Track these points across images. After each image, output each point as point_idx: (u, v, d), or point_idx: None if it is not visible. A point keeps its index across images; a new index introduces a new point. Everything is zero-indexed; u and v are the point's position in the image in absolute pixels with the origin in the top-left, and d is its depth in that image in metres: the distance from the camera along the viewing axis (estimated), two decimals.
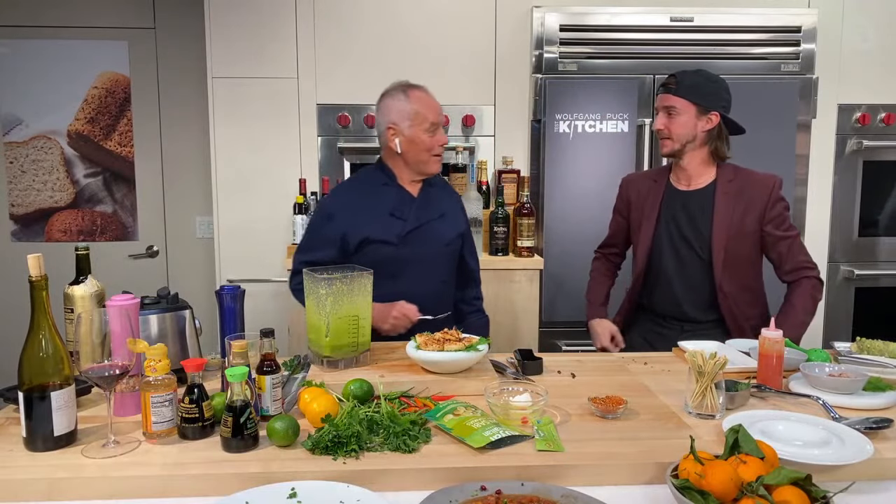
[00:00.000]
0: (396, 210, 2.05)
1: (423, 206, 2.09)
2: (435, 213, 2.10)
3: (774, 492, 0.97)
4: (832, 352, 1.82)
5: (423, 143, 2.03)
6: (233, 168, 3.12)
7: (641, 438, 1.29)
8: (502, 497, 1.08)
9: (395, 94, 2.04)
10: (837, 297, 3.28)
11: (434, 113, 2.03)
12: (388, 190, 2.08)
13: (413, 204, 2.08)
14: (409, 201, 2.08)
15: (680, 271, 2.11)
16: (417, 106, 2.01)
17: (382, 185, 2.09)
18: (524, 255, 2.96)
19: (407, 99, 2.02)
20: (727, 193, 2.05)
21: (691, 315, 2.11)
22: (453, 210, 2.18)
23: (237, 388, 1.26)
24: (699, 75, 2.04)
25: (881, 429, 1.31)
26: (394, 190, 2.08)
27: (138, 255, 3.67)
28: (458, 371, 1.61)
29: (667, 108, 2.04)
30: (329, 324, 1.65)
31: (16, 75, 3.51)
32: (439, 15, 3.11)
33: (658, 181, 2.17)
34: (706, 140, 2.06)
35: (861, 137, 3.19)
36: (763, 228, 2.04)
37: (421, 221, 2.06)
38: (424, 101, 2.02)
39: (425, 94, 2.05)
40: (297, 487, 1.11)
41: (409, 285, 2.01)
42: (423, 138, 2.03)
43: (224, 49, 3.05)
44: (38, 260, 1.26)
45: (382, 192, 2.07)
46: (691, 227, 2.08)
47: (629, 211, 2.23)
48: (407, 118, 2.01)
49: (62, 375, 1.27)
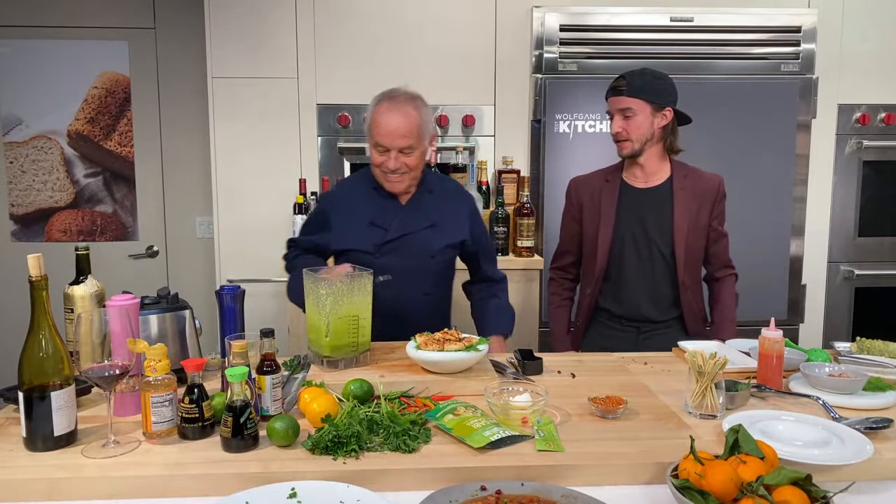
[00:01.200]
0: (378, 218, 1.99)
1: (409, 215, 2.01)
2: (424, 222, 2.02)
3: (774, 492, 0.97)
4: (832, 352, 1.82)
5: (372, 158, 1.99)
6: (233, 168, 3.11)
7: (641, 438, 1.29)
8: (502, 497, 1.08)
9: (373, 100, 1.99)
10: (837, 297, 3.28)
11: (382, 134, 1.91)
12: (375, 196, 2.02)
13: (398, 213, 2.01)
14: (394, 210, 2.01)
15: (642, 270, 2.11)
16: (372, 122, 1.94)
17: (372, 188, 2.04)
18: (524, 255, 2.96)
19: (372, 110, 1.96)
20: (683, 189, 2.10)
21: (650, 315, 2.12)
22: (452, 218, 2.07)
23: (237, 388, 1.26)
24: (647, 74, 2.06)
25: (881, 429, 1.31)
26: (381, 196, 2.02)
27: (138, 255, 3.67)
28: (458, 371, 1.61)
29: (622, 110, 2.04)
30: (329, 324, 1.65)
31: (16, 75, 3.51)
32: (439, 15, 3.11)
33: (611, 180, 2.15)
34: (662, 136, 2.09)
35: (861, 137, 3.19)
36: (710, 224, 2.12)
37: (404, 231, 1.99)
38: (379, 119, 1.92)
39: (386, 112, 1.91)
40: (297, 487, 1.11)
41: (387, 297, 1.90)
42: (373, 153, 1.97)
43: (224, 49, 3.05)
44: (38, 260, 1.26)
45: (369, 198, 2.02)
46: (653, 224, 2.09)
47: (581, 214, 2.18)
48: (367, 127, 1.99)
49: (62, 375, 1.27)
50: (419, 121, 1.93)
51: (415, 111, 1.93)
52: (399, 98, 1.94)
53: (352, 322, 1.68)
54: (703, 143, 2.94)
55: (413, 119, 1.92)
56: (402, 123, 1.90)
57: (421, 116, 1.94)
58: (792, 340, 1.93)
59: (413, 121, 1.92)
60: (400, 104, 1.92)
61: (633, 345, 2.11)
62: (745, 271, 2.99)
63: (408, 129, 1.90)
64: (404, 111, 1.91)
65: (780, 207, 2.99)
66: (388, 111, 1.91)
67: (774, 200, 2.98)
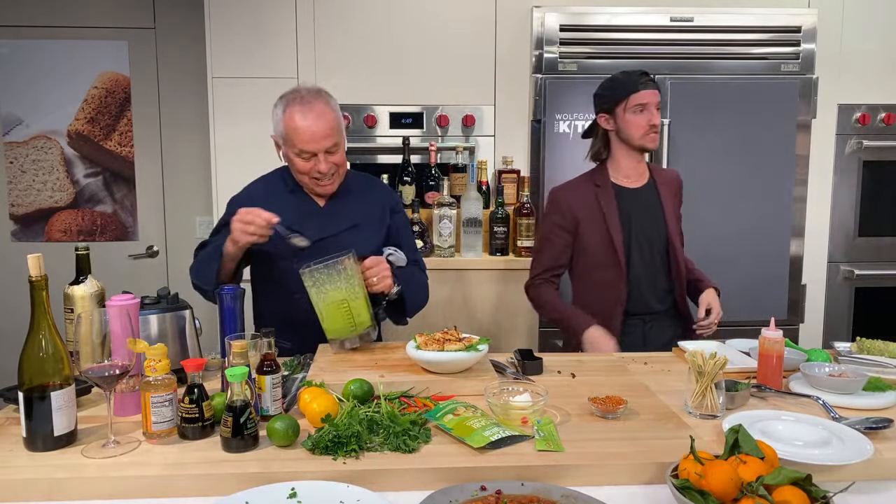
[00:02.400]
0: (294, 223, 1.81)
1: (329, 218, 1.93)
2: (344, 224, 1.93)
3: (774, 492, 0.97)
4: (832, 352, 1.82)
5: (294, 167, 1.88)
6: (233, 168, 3.11)
7: (641, 438, 1.29)
8: (502, 497, 1.08)
9: (277, 105, 1.86)
10: (837, 296, 3.28)
11: (305, 140, 1.80)
12: (291, 198, 1.93)
13: (315, 216, 1.92)
14: (313, 213, 1.93)
15: (645, 267, 2.15)
16: (287, 129, 1.82)
17: (288, 192, 1.94)
18: (524, 255, 2.96)
19: (282, 116, 1.83)
20: (664, 184, 2.20)
21: (655, 307, 2.17)
22: (373, 218, 1.99)
23: (237, 388, 1.26)
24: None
25: (881, 429, 1.31)
26: (297, 199, 1.93)
27: (138, 255, 3.67)
28: (458, 371, 1.61)
29: (656, 103, 2.10)
30: (322, 311, 1.71)
31: (16, 75, 3.51)
32: (439, 15, 3.11)
33: (601, 185, 2.15)
34: None
35: (861, 137, 3.19)
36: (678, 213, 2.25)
37: (325, 235, 1.88)
38: (297, 125, 1.80)
39: (303, 116, 1.79)
40: (297, 487, 1.11)
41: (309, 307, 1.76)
42: (296, 162, 1.85)
43: (224, 49, 3.05)
44: (38, 260, 1.26)
45: (285, 201, 1.91)
46: (649, 222, 2.15)
47: (577, 224, 2.15)
48: (280, 135, 1.86)
49: (62, 375, 1.27)
50: (335, 115, 1.85)
51: (327, 107, 1.84)
52: (307, 97, 1.82)
53: (341, 306, 1.71)
54: (703, 142, 2.94)
55: (330, 116, 1.83)
56: (322, 124, 1.80)
57: (335, 110, 1.86)
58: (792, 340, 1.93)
59: (330, 117, 1.83)
60: (312, 104, 1.81)
61: (642, 337, 2.15)
62: (745, 271, 3.00)
63: (329, 128, 1.81)
64: (318, 110, 1.81)
65: (780, 207, 2.99)
66: (304, 115, 1.79)
67: (774, 200, 2.98)
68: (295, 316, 1.86)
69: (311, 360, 1.75)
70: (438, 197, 2.92)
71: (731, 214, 2.97)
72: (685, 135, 2.94)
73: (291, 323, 1.85)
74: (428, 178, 3.08)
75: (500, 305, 2.89)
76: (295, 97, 1.83)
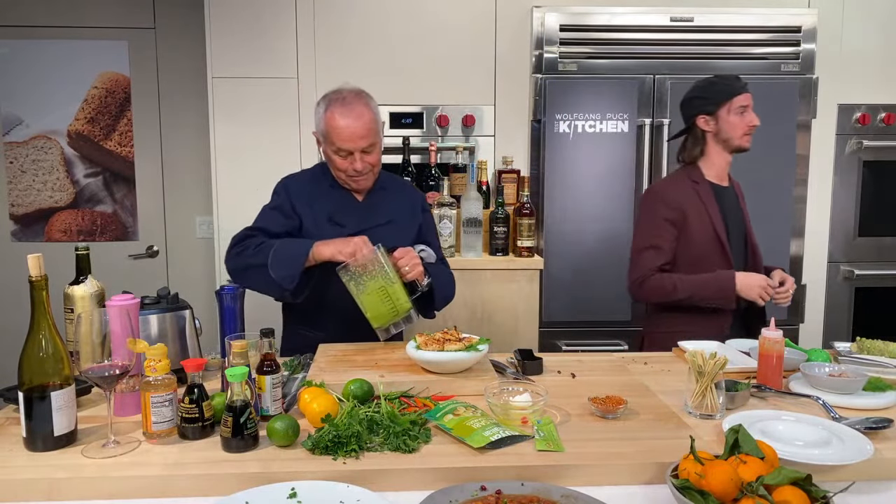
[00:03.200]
0: (336, 215, 1.98)
1: (366, 213, 2.01)
2: (381, 219, 2.02)
3: (774, 492, 0.97)
4: (832, 352, 1.83)
5: (333, 164, 1.96)
6: (233, 168, 3.11)
7: (641, 438, 1.29)
8: (502, 497, 1.08)
9: (320, 104, 1.94)
10: (837, 297, 3.28)
11: (344, 139, 1.88)
12: (332, 193, 2.02)
13: (356, 210, 2.01)
14: (352, 207, 2.01)
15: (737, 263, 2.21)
16: (329, 128, 1.90)
17: (329, 186, 2.02)
18: (524, 255, 2.96)
19: (324, 115, 1.91)
20: (738, 186, 2.35)
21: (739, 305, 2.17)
22: (405, 218, 2.08)
23: (237, 388, 1.26)
24: None
25: (881, 429, 1.31)
26: (337, 193, 2.02)
27: (138, 255, 3.67)
28: (458, 371, 1.61)
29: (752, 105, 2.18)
30: (363, 302, 1.78)
31: (16, 75, 3.51)
32: (439, 15, 3.11)
33: (699, 181, 2.21)
34: None
35: (861, 137, 3.19)
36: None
37: (362, 228, 1.95)
38: (338, 124, 1.88)
39: (344, 116, 1.88)
40: (297, 487, 1.11)
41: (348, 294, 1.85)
42: (333, 159, 1.94)
43: (224, 49, 3.05)
44: (38, 260, 1.27)
45: (328, 195, 2.01)
46: (739, 219, 2.27)
47: (685, 217, 2.16)
48: (321, 133, 1.94)
49: (62, 375, 1.27)
50: (374, 117, 1.92)
51: (367, 108, 1.91)
52: (349, 98, 1.91)
53: (380, 293, 1.77)
54: None
55: (368, 117, 1.90)
56: (361, 125, 1.88)
57: (373, 111, 1.93)
58: (792, 340, 1.93)
59: (369, 119, 1.90)
60: (352, 104, 1.89)
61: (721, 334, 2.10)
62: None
63: (366, 129, 1.89)
64: (358, 111, 1.89)
65: (780, 207, 2.99)
66: (344, 115, 1.88)
67: (774, 200, 2.98)
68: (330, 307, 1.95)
69: (311, 360, 1.75)
70: (438, 197, 2.91)
71: None
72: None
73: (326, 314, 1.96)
74: (428, 178, 3.08)
75: (500, 305, 2.89)
76: (337, 97, 1.91)
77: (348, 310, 1.84)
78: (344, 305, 1.85)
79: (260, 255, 1.86)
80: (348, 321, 1.91)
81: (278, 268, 1.84)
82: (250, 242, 1.92)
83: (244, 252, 1.90)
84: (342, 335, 1.92)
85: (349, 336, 1.92)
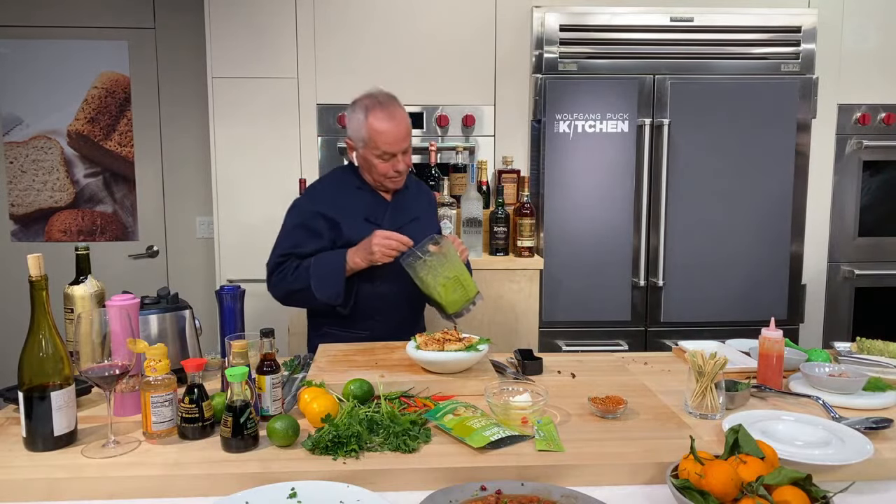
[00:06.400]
0: (371, 215, 2.03)
1: (396, 211, 2.07)
2: (408, 217, 2.08)
3: (774, 492, 0.97)
4: (832, 352, 1.82)
5: (374, 168, 1.99)
6: (233, 168, 3.11)
7: (641, 438, 1.29)
8: (502, 497, 1.08)
9: (356, 110, 1.98)
10: (837, 297, 3.28)
11: (389, 142, 1.93)
12: (361, 194, 2.06)
13: (387, 209, 2.06)
14: (383, 206, 2.07)
15: None
16: (372, 133, 1.93)
17: (356, 188, 2.06)
18: (524, 255, 2.96)
19: (364, 121, 1.94)
20: None
21: None
22: (426, 213, 2.18)
23: (237, 388, 1.26)
24: None
25: (881, 429, 1.31)
26: (367, 194, 2.06)
27: (138, 255, 3.67)
28: (458, 371, 1.61)
29: None
30: (439, 291, 1.87)
31: (16, 75, 3.51)
32: (439, 15, 3.11)
33: None
34: None
35: (861, 137, 3.19)
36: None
37: (394, 226, 2.01)
38: (382, 128, 1.92)
39: (386, 120, 1.93)
40: (297, 487, 1.11)
41: (386, 288, 2.00)
42: (375, 163, 1.98)
43: (224, 49, 3.05)
44: (38, 260, 1.27)
45: (357, 196, 2.05)
46: None
47: None
48: (361, 139, 1.97)
49: (62, 375, 1.27)
50: (408, 118, 2.00)
51: (403, 111, 1.99)
52: (385, 101, 1.97)
53: (454, 281, 1.87)
54: (703, 142, 2.94)
55: (406, 119, 1.98)
56: (402, 127, 1.96)
57: (406, 114, 2.01)
58: (792, 340, 1.93)
59: (407, 121, 1.99)
60: (391, 108, 1.96)
61: None
62: (745, 271, 3.00)
63: (407, 131, 1.97)
64: (398, 114, 1.96)
65: (780, 207, 2.99)
66: (387, 119, 1.94)
67: (774, 200, 2.98)
68: (376, 305, 2.00)
69: (311, 360, 1.75)
70: (438, 197, 2.91)
71: (731, 214, 2.97)
72: (685, 135, 2.93)
73: (371, 313, 2.01)
74: (428, 178, 3.08)
75: (500, 305, 2.89)
76: (374, 102, 1.96)
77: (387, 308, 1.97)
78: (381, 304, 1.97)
79: (300, 280, 1.94)
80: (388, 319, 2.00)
81: (322, 288, 1.92)
82: (287, 268, 1.97)
83: (284, 279, 1.97)
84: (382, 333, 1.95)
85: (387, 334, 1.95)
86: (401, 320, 2.05)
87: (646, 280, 2.98)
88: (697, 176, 2.95)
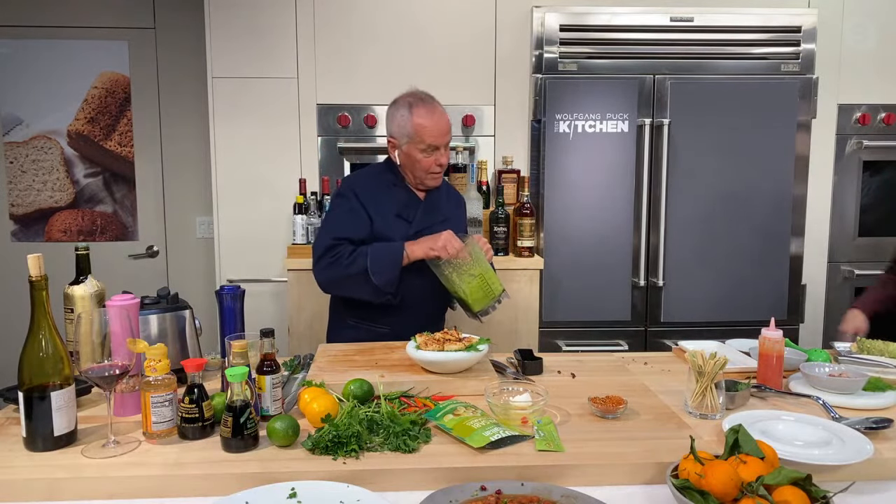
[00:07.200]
0: (403, 212, 2.07)
1: (428, 210, 2.12)
2: (439, 216, 2.13)
3: (774, 492, 0.97)
4: (832, 352, 1.82)
5: (418, 163, 2.04)
6: (233, 168, 3.11)
7: (641, 438, 1.29)
8: (502, 497, 1.08)
9: (400, 107, 2.05)
10: (837, 297, 3.28)
11: (434, 136, 2.01)
12: (396, 191, 2.10)
13: (419, 207, 2.11)
14: (416, 204, 2.11)
15: None
16: (417, 127, 2.00)
17: (392, 185, 2.11)
18: (524, 255, 2.96)
19: (409, 116, 2.01)
20: None
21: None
22: (455, 215, 2.22)
23: (237, 388, 1.26)
24: None
25: (881, 429, 1.31)
26: (402, 191, 2.11)
27: (138, 255, 3.67)
28: (458, 371, 1.61)
29: None
30: (465, 290, 1.92)
31: (16, 75, 3.51)
32: (439, 15, 3.11)
33: None
34: None
35: (861, 137, 3.19)
36: None
37: (425, 225, 2.07)
38: (426, 122, 2.00)
39: (430, 114, 2.02)
40: (297, 487, 1.11)
41: (413, 286, 2.02)
42: (419, 157, 2.03)
43: (224, 49, 3.05)
44: (38, 260, 1.26)
45: (392, 192, 2.09)
46: None
47: None
48: (405, 135, 2.03)
49: (62, 375, 1.27)
50: (447, 114, 2.08)
51: (441, 107, 2.08)
52: (426, 98, 2.06)
53: (479, 280, 1.92)
54: (703, 142, 2.94)
55: (446, 115, 2.07)
56: (445, 121, 2.04)
57: (444, 110, 2.09)
58: (792, 340, 1.93)
59: (447, 116, 2.07)
60: (432, 104, 2.05)
61: None
62: (745, 271, 3.00)
63: (448, 125, 2.06)
64: (439, 109, 2.05)
65: (780, 207, 2.99)
66: (430, 113, 2.02)
67: (774, 200, 2.98)
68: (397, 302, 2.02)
69: (311, 360, 1.75)
70: None
71: (731, 214, 2.97)
72: (685, 135, 2.94)
73: (391, 309, 2.03)
74: None
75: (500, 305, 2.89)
76: (416, 99, 2.04)
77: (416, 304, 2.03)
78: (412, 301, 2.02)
79: (356, 265, 1.95)
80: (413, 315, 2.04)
81: (380, 274, 1.94)
82: (342, 251, 1.97)
83: (338, 262, 1.96)
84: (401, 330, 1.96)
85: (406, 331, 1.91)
86: (424, 317, 2.08)
87: (646, 280, 2.98)
88: (697, 176, 2.95)
